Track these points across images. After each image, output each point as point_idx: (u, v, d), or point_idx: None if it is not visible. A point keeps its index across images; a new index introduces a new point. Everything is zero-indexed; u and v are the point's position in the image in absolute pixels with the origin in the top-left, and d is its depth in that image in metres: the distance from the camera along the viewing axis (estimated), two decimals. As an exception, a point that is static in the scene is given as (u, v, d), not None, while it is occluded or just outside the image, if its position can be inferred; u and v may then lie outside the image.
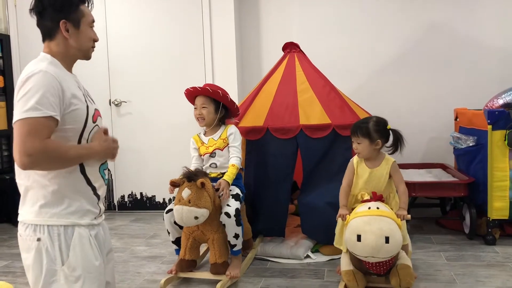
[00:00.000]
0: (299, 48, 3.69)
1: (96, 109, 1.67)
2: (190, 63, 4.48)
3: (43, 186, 1.53)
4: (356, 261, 2.54)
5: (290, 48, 3.69)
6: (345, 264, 2.59)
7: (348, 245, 2.45)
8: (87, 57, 1.68)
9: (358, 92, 4.26)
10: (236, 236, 2.78)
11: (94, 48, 1.70)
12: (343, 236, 2.58)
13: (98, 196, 1.63)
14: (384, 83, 4.37)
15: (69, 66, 1.64)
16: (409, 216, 2.51)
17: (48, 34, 1.60)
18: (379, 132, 2.56)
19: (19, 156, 1.42)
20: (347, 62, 4.40)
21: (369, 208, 2.45)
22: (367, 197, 2.57)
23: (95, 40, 1.68)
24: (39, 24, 1.61)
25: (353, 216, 2.46)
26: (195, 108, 3.00)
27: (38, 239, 1.51)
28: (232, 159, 2.91)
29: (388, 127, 2.60)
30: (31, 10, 1.60)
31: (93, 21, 1.67)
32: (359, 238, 2.34)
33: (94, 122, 1.62)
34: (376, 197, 2.53)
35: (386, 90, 4.36)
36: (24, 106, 1.43)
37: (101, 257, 1.61)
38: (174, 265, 2.87)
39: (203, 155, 3.00)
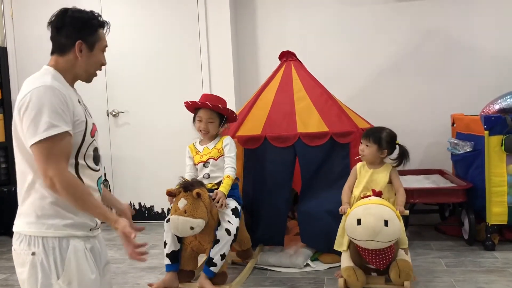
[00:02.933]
0: (295, 56, 3.70)
1: (93, 124, 1.67)
2: (187, 72, 4.48)
3: (41, 197, 1.53)
4: (356, 257, 2.61)
5: (287, 56, 3.70)
6: (345, 261, 2.66)
7: (348, 231, 2.52)
8: (88, 80, 1.70)
9: (356, 98, 4.27)
10: (223, 256, 2.71)
11: (99, 73, 1.72)
12: (344, 235, 2.70)
13: None
14: (381, 89, 4.38)
15: (71, 83, 1.65)
16: (407, 212, 2.68)
17: (60, 49, 1.61)
18: (388, 143, 2.81)
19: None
20: (344, 68, 4.41)
21: (370, 199, 2.58)
22: (368, 193, 2.70)
23: (103, 64, 1.70)
24: (53, 38, 1.62)
25: (354, 207, 2.56)
26: (199, 120, 2.97)
27: (33, 253, 1.50)
28: (227, 170, 2.88)
29: (397, 142, 2.84)
30: (49, 23, 1.61)
31: (106, 46, 1.71)
32: (359, 222, 2.43)
33: (92, 137, 1.63)
34: (376, 193, 2.64)
35: (383, 96, 4.37)
36: (37, 125, 1.44)
37: (97, 270, 1.61)
38: (160, 282, 2.77)
39: (197, 164, 2.99)
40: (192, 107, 3.00)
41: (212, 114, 2.94)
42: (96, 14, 1.68)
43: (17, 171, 1.60)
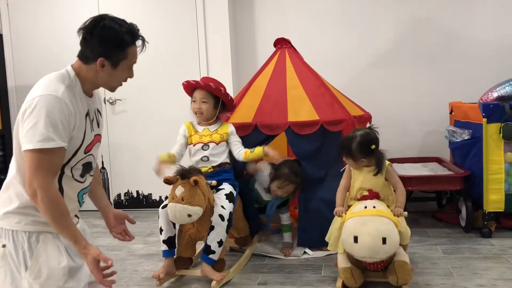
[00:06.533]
0: (290, 44, 3.63)
1: (97, 135, 1.65)
2: (185, 60, 4.46)
3: (17, 194, 1.53)
4: (353, 259, 2.53)
5: (281, 44, 3.62)
6: (342, 261, 2.57)
7: (345, 246, 2.44)
8: (111, 91, 1.67)
9: (354, 86, 4.25)
10: (220, 243, 2.69)
11: (124, 83, 1.67)
12: (340, 238, 2.55)
13: None
14: (379, 77, 4.37)
15: (90, 90, 1.62)
16: (405, 213, 2.53)
17: (84, 59, 1.57)
18: (362, 153, 2.56)
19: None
20: (343, 56, 4.40)
21: (365, 207, 2.45)
22: (364, 193, 2.58)
23: (130, 77, 1.65)
24: (81, 44, 1.57)
25: (349, 216, 2.45)
26: (193, 101, 2.95)
27: (3, 246, 1.51)
28: (244, 149, 2.95)
29: (372, 147, 2.55)
30: (80, 28, 1.55)
31: (135, 62, 1.63)
32: (356, 239, 2.34)
33: (86, 153, 1.60)
34: (372, 194, 2.54)
35: (382, 85, 4.36)
36: (35, 133, 1.42)
37: (74, 261, 1.58)
38: (161, 268, 2.76)
39: (195, 145, 2.93)
40: (189, 88, 2.99)
41: (206, 94, 2.92)
42: (132, 29, 1.58)
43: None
